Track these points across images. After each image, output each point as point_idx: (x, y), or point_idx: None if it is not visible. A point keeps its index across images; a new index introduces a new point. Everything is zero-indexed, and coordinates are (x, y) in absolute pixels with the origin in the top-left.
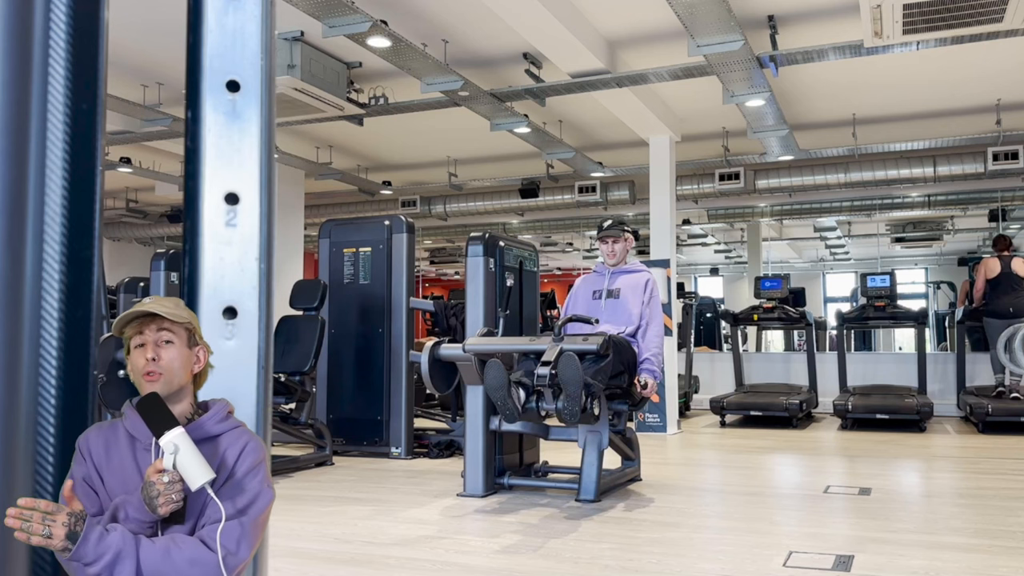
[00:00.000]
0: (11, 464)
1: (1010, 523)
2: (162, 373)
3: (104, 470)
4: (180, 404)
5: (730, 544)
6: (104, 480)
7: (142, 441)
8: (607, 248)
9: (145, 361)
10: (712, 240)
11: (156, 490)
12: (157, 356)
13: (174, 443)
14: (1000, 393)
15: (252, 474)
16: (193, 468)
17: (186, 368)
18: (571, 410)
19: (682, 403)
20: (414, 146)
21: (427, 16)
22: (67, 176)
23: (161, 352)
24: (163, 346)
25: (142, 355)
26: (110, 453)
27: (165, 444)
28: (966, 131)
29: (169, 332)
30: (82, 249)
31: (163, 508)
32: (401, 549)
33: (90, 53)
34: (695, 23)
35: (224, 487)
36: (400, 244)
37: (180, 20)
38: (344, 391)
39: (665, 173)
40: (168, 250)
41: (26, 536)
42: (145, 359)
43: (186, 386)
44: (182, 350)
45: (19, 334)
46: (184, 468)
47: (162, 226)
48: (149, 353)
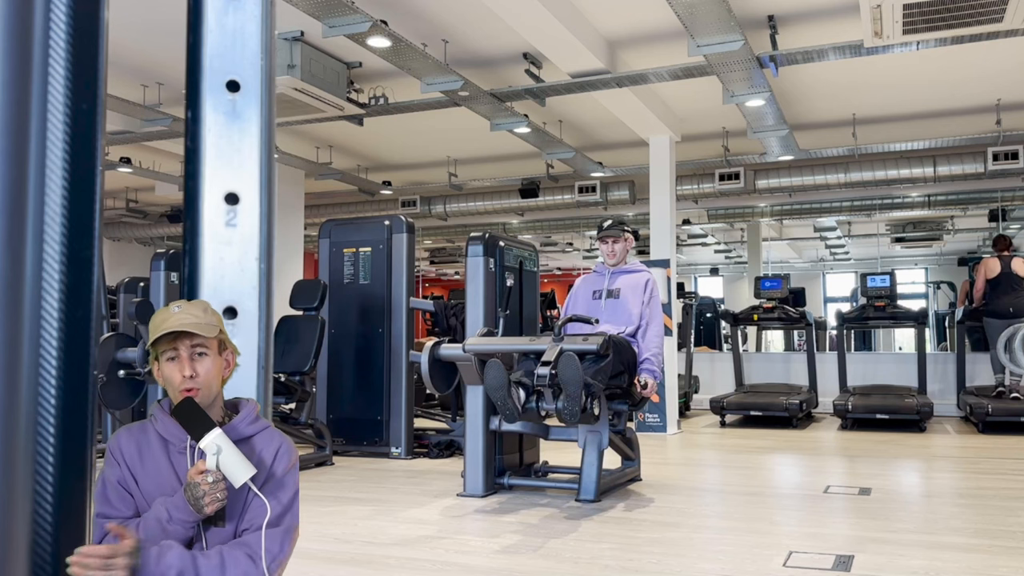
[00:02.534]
0: (11, 464)
1: (1010, 523)
2: (200, 388)
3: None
4: (213, 409)
5: (730, 544)
6: (139, 482)
7: (175, 444)
8: (607, 248)
9: (182, 378)
10: (712, 240)
11: (201, 490)
12: (195, 372)
13: (216, 444)
14: (1000, 393)
15: (291, 473)
16: (236, 466)
17: (218, 376)
18: (571, 410)
19: (682, 403)
20: (414, 146)
21: (427, 16)
22: (67, 176)
23: (197, 367)
24: (198, 360)
25: (177, 370)
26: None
27: (207, 446)
28: (966, 131)
29: (202, 345)
30: (82, 249)
31: (209, 507)
32: (401, 549)
33: (90, 53)
34: (695, 23)
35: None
36: (400, 244)
37: (180, 20)
38: (344, 391)
39: (665, 173)
40: (168, 250)
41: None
42: (182, 375)
43: (218, 393)
44: (215, 360)
45: (19, 334)
46: (227, 467)
47: (162, 226)
48: (187, 370)
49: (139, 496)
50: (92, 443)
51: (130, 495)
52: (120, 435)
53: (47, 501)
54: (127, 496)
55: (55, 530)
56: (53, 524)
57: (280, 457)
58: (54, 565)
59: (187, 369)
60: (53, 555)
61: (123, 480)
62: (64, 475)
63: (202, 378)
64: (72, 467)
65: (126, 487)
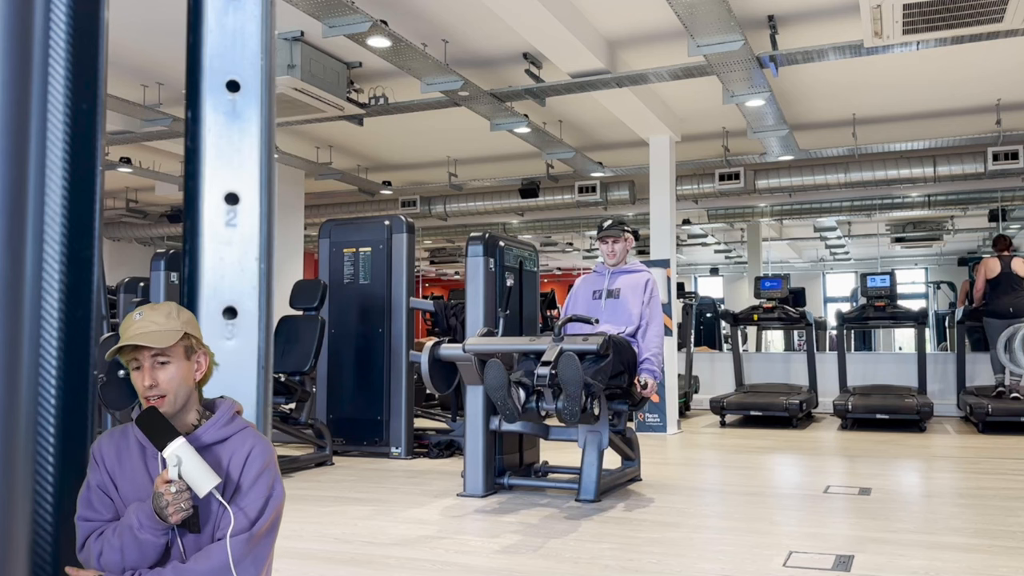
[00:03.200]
0: (11, 464)
1: (1010, 523)
2: (163, 395)
3: (117, 477)
4: (187, 414)
5: (730, 544)
6: (118, 487)
7: (150, 449)
8: (607, 248)
9: (144, 387)
10: (712, 240)
11: (165, 500)
12: (155, 381)
13: (176, 455)
14: (1000, 393)
15: (260, 480)
16: (199, 476)
17: (187, 381)
18: (571, 410)
19: (682, 403)
20: (414, 146)
21: (427, 16)
22: (67, 176)
23: (159, 376)
24: (160, 368)
25: (140, 379)
26: (122, 460)
27: (168, 456)
28: (966, 131)
29: (163, 354)
30: (82, 249)
31: (173, 517)
32: (401, 549)
33: (90, 53)
34: (695, 23)
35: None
36: (400, 244)
37: (180, 20)
38: (344, 391)
39: (665, 173)
40: (168, 250)
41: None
42: (143, 385)
43: (191, 396)
44: (180, 366)
45: (19, 334)
46: (190, 477)
47: (162, 226)
48: (147, 380)
49: (118, 500)
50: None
51: (110, 499)
52: (102, 439)
53: (47, 501)
54: (107, 500)
55: (55, 530)
56: (53, 524)
57: (250, 463)
58: (54, 565)
59: (147, 379)
60: (53, 555)
61: (103, 484)
62: (64, 475)
63: (164, 386)
64: (72, 467)
65: (106, 491)
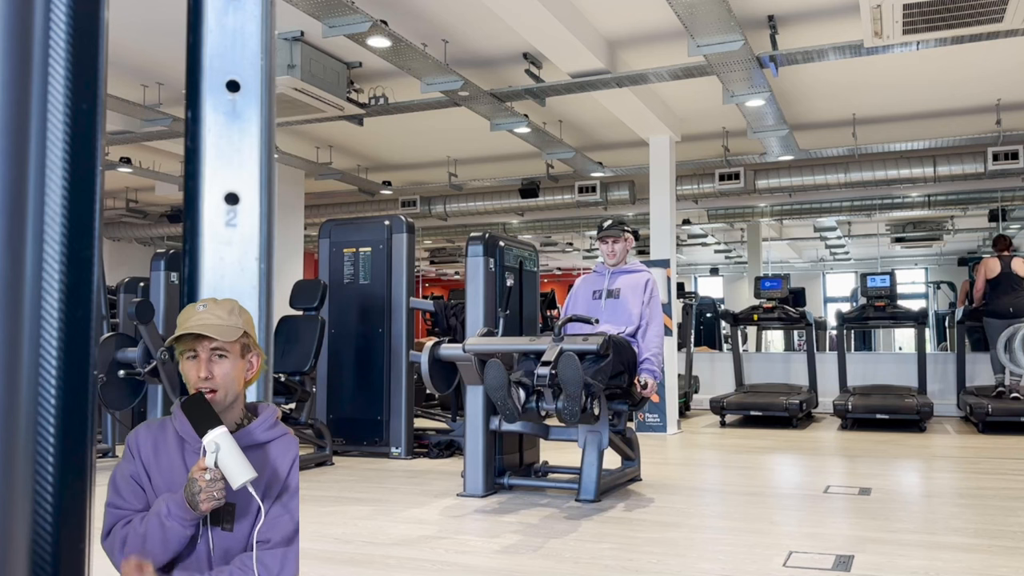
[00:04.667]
0: (11, 464)
1: (1010, 523)
2: (215, 390)
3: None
4: (232, 412)
5: (730, 544)
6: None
7: (191, 443)
8: (607, 248)
9: (197, 378)
10: (712, 240)
11: (199, 486)
12: (210, 374)
13: (215, 442)
14: (1000, 393)
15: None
16: (234, 466)
17: (239, 380)
18: (571, 410)
19: (682, 403)
20: (414, 146)
21: (427, 16)
22: (67, 176)
23: (214, 369)
24: (216, 362)
25: (194, 369)
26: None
27: (207, 443)
28: (966, 131)
29: (222, 348)
30: (82, 249)
31: (204, 505)
32: (401, 549)
33: (90, 53)
34: (695, 23)
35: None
36: (400, 244)
37: (180, 20)
38: (344, 391)
39: (665, 173)
40: (168, 250)
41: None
42: (197, 376)
43: (239, 396)
44: (235, 363)
45: (19, 334)
46: (225, 466)
47: (162, 226)
48: (202, 371)
49: (150, 491)
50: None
51: (142, 489)
52: (139, 430)
53: (47, 501)
54: (139, 490)
55: (55, 530)
56: (53, 524)
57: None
58: (54, 565)
59: (203, 370)
60: (53, 555)
61: (136, 475)
62: (64, 475)
63: (218, 380)
64: (72, 467)
65: (139, 481)
